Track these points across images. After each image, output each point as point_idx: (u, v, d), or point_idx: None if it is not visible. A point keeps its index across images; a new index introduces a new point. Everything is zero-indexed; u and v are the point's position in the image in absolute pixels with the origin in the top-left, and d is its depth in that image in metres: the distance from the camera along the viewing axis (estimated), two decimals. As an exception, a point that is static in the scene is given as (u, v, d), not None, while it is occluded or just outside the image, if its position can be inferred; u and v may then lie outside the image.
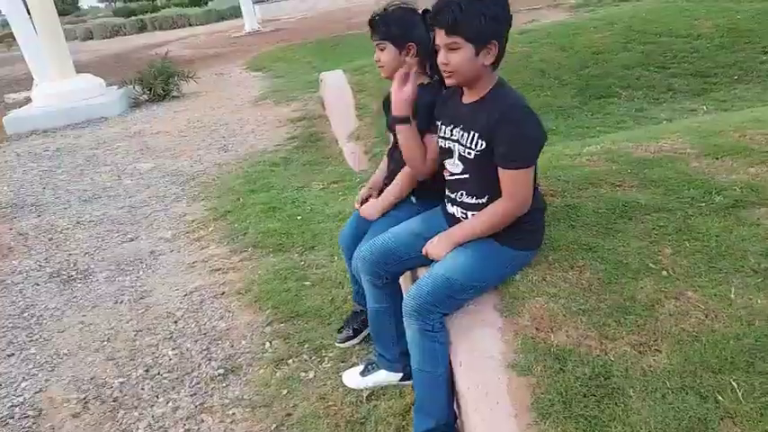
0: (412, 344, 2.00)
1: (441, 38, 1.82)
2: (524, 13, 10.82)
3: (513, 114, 1.83)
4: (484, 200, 1.97)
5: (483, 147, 1.87)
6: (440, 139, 2.07)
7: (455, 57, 1.81)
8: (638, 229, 2.27)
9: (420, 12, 2.22)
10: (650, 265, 2.09)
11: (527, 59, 6.48)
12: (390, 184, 2.43)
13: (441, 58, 1.86)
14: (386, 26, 2.25)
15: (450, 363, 1.99)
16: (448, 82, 1.92)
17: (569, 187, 2.61)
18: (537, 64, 6.39)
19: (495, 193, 1.92)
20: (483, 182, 1.94)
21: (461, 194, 2.03)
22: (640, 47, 6.49)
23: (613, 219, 2.35)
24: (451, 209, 2.11)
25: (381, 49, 2.28)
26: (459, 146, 1.96)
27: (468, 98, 1.97)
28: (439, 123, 2.08)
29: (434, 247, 2.03)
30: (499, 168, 1.87)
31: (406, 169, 2.32)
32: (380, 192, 2.49)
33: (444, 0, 1.78)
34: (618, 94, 5.82)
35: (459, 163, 1.98)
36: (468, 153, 1.92)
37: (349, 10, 23.87)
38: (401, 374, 2.34)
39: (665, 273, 2.05)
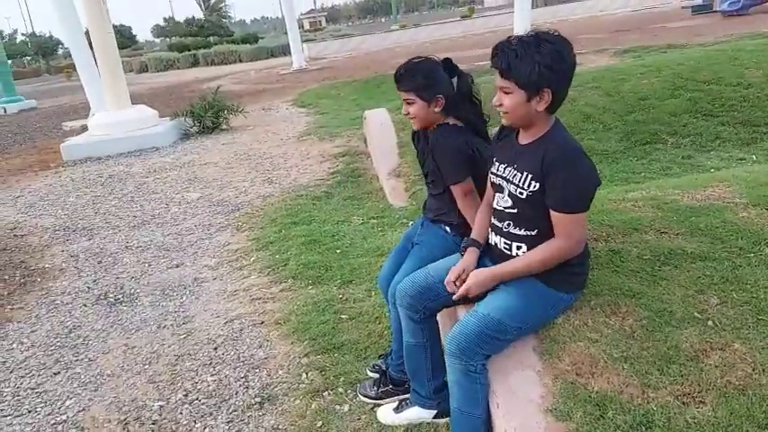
0: (453, 384, 2.00)
1: (497, 79, 1.87)
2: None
3: (567, 158, 1.84)
4: (533, 232, 1.97)
5: (536, 188, 1.89)
6: (492, 175, 2.10)
7: (507, 100, 1.86)
8: (684, 278, 2.23)
9: (441, 62, 2.31)
10: (696, 314, 2.05)
11: (572, 103, 6.47)
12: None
13: (495, 99, 1.91)
14: (413, 79, 2.27)
15: (487, 404, 1.98)
16: (503, 122, 1.97)
17: (613, 232, 2.60)
18: (582, 108, 6.38)
19: (545, 227, 1.93)
20: (534, 217, 1.95)
21: (509, 225, 2.02)
22: (688, 94, 6.42)
23: (658, 266, 2.32)
24: (494, 238, 2.10)
25: (409, 104, 2.30)
26: (510, 184, 1.98)
27: (524, 139, 1.99)
28: (494, 160, 2.11)
29: (477, 283, 2.01)
30: (552, 211, 1.88)
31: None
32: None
33: (504, 43, 1.84)
34: (664, 140, 5.76)
35: (509, 199, 2.00)
36: (521, 193, 1.93)
37: (393, 50, 24.39)
38: (435, 411, 2.33)
39: (710, 323, 2.01)
